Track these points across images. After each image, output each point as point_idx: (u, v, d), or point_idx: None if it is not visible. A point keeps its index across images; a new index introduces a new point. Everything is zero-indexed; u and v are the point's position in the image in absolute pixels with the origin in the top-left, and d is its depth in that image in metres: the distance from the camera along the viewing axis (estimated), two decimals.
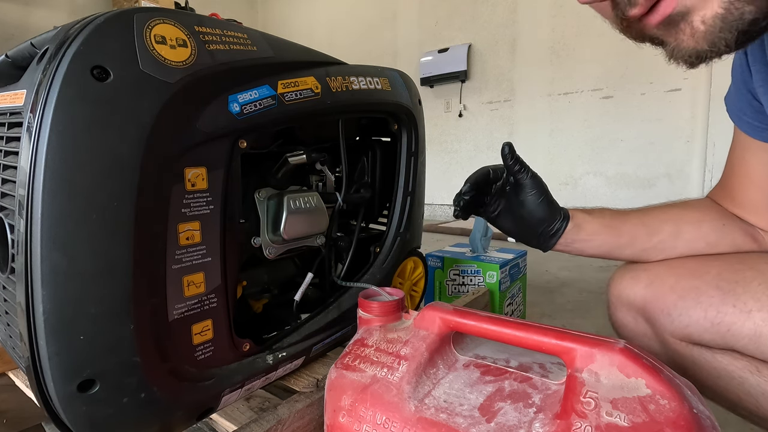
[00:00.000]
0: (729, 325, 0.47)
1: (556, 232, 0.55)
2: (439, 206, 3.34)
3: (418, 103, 0.76)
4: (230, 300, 0.49)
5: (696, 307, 0.49)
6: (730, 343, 0.48)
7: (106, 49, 0.36)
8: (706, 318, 0.49)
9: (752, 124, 0.51)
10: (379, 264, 0.72)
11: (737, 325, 0.47)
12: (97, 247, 0.36)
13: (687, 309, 0.50)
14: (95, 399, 0.38)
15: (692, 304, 0.50)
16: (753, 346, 0.46)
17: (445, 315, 0.45)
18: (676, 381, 0.34)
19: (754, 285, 0.47)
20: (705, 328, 0.49)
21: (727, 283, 0.49)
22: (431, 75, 3.20)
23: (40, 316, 0.35)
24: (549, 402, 0.37)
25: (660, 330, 0.53)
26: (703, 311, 0.49)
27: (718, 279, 0.50)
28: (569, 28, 2.71)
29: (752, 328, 0.46)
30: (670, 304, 0.52)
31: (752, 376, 0.48)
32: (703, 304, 0.49)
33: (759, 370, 0.48)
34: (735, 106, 0.52)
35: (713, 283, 0.50)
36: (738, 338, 0.47)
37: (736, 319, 0.47)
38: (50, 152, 0.34)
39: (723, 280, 0.49)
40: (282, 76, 0.50)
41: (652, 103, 2.48)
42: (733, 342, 0.47)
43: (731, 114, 0.54)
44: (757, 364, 0.48)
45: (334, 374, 0.46)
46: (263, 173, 0.58)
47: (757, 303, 0.46)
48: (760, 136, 0.51)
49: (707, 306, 0.49)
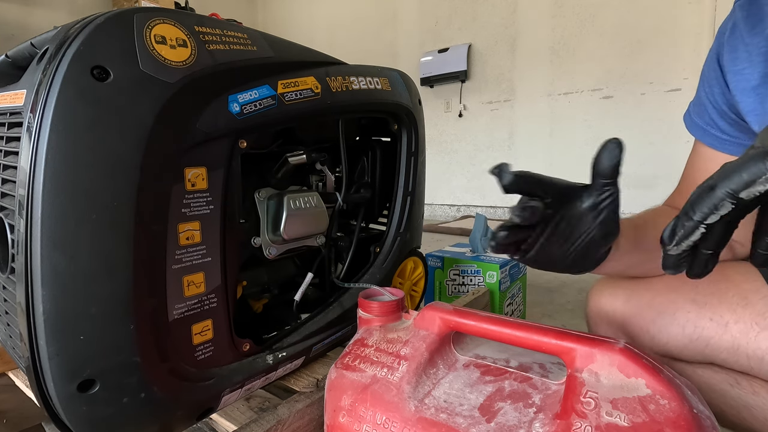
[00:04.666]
0: (707, 340, 0.47)
1: (603, 255, 0.43)
2: (439, 206, 3.34)
3: (418, 103, 0.76)
4: (230, 300, 0.49)
5: (673, 324, 0.49)
6: (710, 357, 0.48)
7: (106, 49, 0.36)
8: (684, 335, 0.48)
9: (719, 137, 0.51)
10: (379, 264, 0.72)
11: (715, 339, 0.46)
12: (97, 247, 0.36)
13: (665, 326, 0.49)
14: (95, 399, 0.38)
15: (669, 320, 0.49)
16: (732, 359, 0.46)
17: (445, 315, 0.45)
18: (676, 381, 0.34)
19: (729, 296, 0.47)
20: (684, 345, 0.48)
21: (703, 296, 0.48)
22: (431, 75, 3.20)
23: (40, 316, 0.35)
24: (549, 402, 0.37)
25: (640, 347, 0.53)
26: (680, 327, 0.48)
27: (693, 292, 0.49)
28: (569, 28, 2.70)
29: (730, 341, 0.45)
30: (648, 322, 0.51)
31: (732, 388, 0.48)
32: (680, 320, 0.49)
33: (738, 383, 0.48)
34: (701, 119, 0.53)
35: (689, 296, 0.49)
36: (717, 352, 0.46)
37: (714, 333, 0.46)
38: (50, 152, 0.34)
39: (698, 293, 0.49)
40: (282, 76, 0.50)
41: (652, 103, 2.48)
42: (713, 356, 0.47)
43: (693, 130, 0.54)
44: (736, 376, 0.48)
45: (334, 374, 0.46)
46: (263, 173, 0.58)
47: (734, 315, 0.46)
48: (727, 150, 0.50)
49: (684, 322, 0.48)
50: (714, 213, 0.28)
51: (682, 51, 2.37)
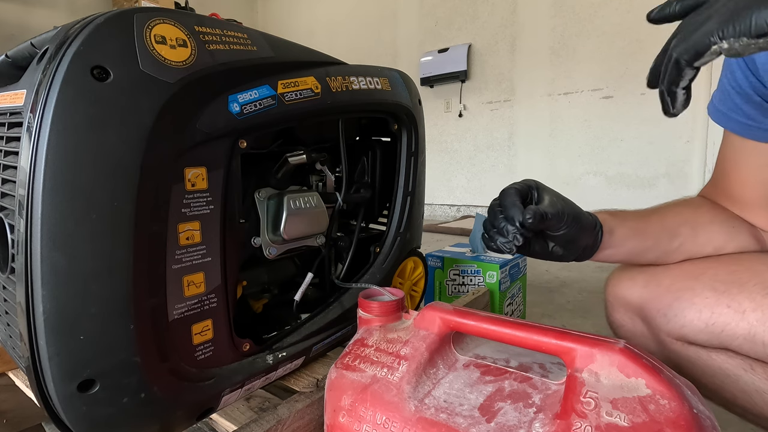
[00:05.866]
0: (723, 326, 0.47)
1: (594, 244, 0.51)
2: (439, 206, 3.34)
3: (418, 103, 0.76)
4: (230, 300, 0.49)
5: (690, 308, 0.50)
6: (725, 343, 0.48)
7: (106, 49, 0.36)
8: (701, 319, 0.49)
9: (743, 123, 0.51)
10: (379, 264, 0.72)
11: (731, 325, 0.47)
12: (97, 247, 0.36)
13: (682, 310, 0.50)
14: (95, 399, 0.38)
15: (687, 305, 0.50)
16: (747, 346, 0.46)
17: (445, 315, 0.45)
18: (676, 381, 0.34)
19: (750, 285, 0.47)
20: (700, 329, 0.49)
21: (723, 284, 0.49)
22: (431, 75, 3.20)
23: (40, 316, 0.35)
24: (549, 402, 0.37)
25: (656, 330, 0.53)
26: (697, 312, 0.49)
27: (713, 280, 0.50)
28: (569, 28, 2.71)
29: (746, 328, 0.46)
30: (665, 305, 0.52)
31: (746, 374, 0.49)
32: (697, 305, 0.49)
33: (753, 368, 0.49)
34: (725, 105, 0.53)
35: (708, 284, 0.50)
36: (732, 338, 0.47)
37: (730, 319, 0.47)
38: (50, 152, 0.34)
39: (718, 281, 0.50)
40: (282, 76, 0.50)
41: (652, 103, 2.48)
42: (728, 342, 0.48)
43: (717, 117, 0.54)
44: (751, 363, 0.49)
45: (334, 374, 0.46)
46: (263, 173, 0.58)
47: (752, 303, 0.46)
48: (752, 136, 0.51)
49: (701, 307, 0.49)
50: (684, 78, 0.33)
51: None
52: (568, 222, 0.47)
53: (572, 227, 0.47)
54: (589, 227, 0.49)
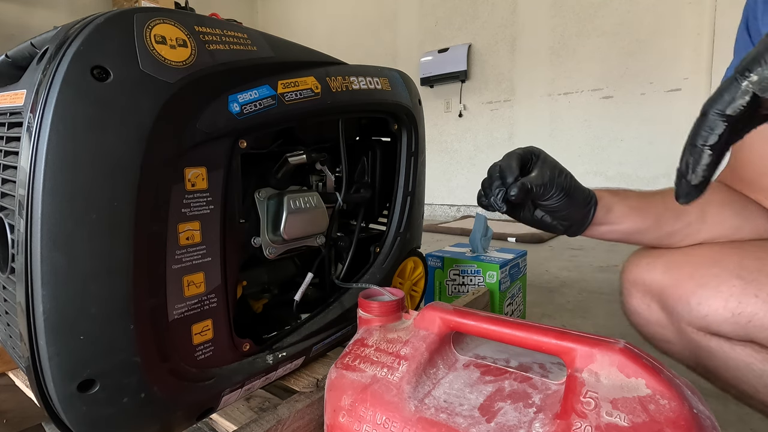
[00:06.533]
0: (750, 316, 0.45)
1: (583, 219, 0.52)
2: (439, 206, 3.34)
3: (418, 103, 0.76)
4: (230, 300, 0.49)
5: (716, 297, 0.47)
6: (752, 335, 0.46)
7: (106, 49, 0.36)
8: (727, 308, 0.47)
9: None
10: (379, 264, 0.72)
11: (759, 316, 0.45)
12: (97, 247, 0.36)
13: (706, 298, 0.48)
14: (95, 399, 0.38)
15: (712, 293, 0.48)
16: None
17: (445, 315, 0.45)
18: (676, 381, 0.34)
19: None
20: (725, 318, 0.47)
21: (749, 272, 0.47)
22: (431, 75, 3.20)
23: (40, 316, 0.35)
24: (549, 402, 0.37)
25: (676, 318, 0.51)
26: (723, 301, 0.47)
27: (739, 268, 0.48)
28: (569, 28, 2.71)
29: None
30: (688, 292, 0.50)
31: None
32: (723, 293, 0.47)
33: None
34: None
35: (734, 272, 0.48)
36: (760, 329, 0.45)
37: (759, 309, 0.45)
38: (50, 152, 0.34)
39: (744, 269, 0.47)
40: (282, 76, 0.50)
41: (652, 103, 2.48)
42: (755, 333, 0.45)
43: None
44: None
45: (334, 374, 0.46)
46: (263, 173, 0.58)
47: None
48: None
49: (728, 296, 0.47)
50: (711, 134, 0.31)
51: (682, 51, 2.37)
52: (556, 194, 0.49)
53: (560, 200, 0.50)
54: (581, 202, 0.51)
